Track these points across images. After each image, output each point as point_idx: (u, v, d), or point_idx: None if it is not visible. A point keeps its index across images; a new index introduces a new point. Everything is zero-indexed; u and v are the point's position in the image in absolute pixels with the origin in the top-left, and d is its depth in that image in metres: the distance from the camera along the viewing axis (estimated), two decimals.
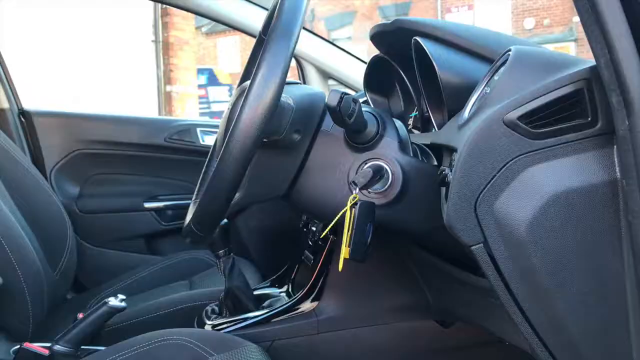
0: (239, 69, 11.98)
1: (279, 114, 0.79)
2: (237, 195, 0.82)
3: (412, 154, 0.89)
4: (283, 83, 0.72)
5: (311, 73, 1.85)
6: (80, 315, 1.16)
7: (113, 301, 1.12)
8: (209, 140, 1.90)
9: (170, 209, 1.89)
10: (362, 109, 0.82)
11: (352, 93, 1.63)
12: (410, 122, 1.17)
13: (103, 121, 1.90)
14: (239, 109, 0.73)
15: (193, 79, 7.14)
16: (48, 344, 1.09)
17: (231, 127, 0.72)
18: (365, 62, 1.23)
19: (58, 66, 5.33)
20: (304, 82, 1.86)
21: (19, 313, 1.25)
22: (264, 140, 0.82)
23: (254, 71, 0.73)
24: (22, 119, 1.80)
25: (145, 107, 6.45)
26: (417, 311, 1.14)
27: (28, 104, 1.84)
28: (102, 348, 1.06)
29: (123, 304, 1.13)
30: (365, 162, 0.86)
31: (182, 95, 6.92)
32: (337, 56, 1.86)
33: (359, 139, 0.86)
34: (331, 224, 0.82)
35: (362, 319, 1.14)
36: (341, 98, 0.76)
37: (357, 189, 0.82)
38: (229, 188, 0.73)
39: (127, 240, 1.86)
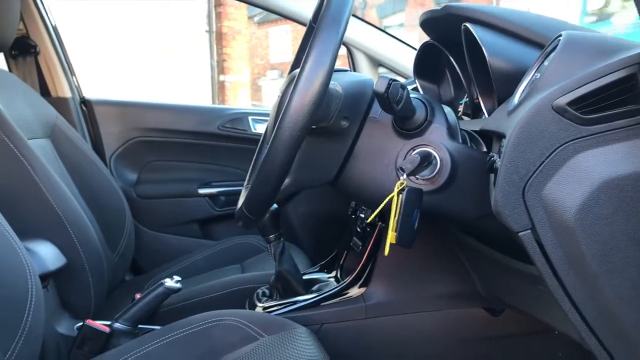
0: (290, 57, 12.01)
1: (328, 100, 0.81)
2: (287, 181, 0.84)
3: (461, 141, 0.89)
4: (331, 70, 0.73)
5: (361, 61, 1.85)
6: (138, 296, 1.21)
7: (169, 282, 1.17)
8: (260, 129, 1.93)
9: (223, 195, 1.93)
10: (410, 96, 0.83)
11: (402, 80, 1.63)
12: (461, 108, 1.16)
13: (159, 110, 1.96)
14: (288, 97, 0.74)
15: (246, 68, 7.23)
16: (108, 322, 1.15)
17: (281, 114, 0.74)
18: (416, 49, 1.23)
19: (116, 56, 5.49)
20: (354, 70, 1.87)
21: (81, 292, 1.31)
22: (313, 127, 0.84)
23: (303, 59, 0.74)
24: (84, 108, 1.88)
25: (200, 97, 6.58)
26: (465, 298, 1.13)
27: (89, 94, 1.92)
28: (158, 327, 1.11)
29: (178, 285, 1.18)
30: (413, 149, 0.86)
31: (235, 85, 7.03)
32: (387, 43, 1.85)
33: (407, 125, 0.86)
34: (377, 210, 0.82)
35: (409, 305, 1.15)
36: (389, 84, 0.76)
37: (405, 175, 0.83)
38: (279, 173, 0.75)
39: (182, 225, 1.92)
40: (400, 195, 0.80)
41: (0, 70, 1.49)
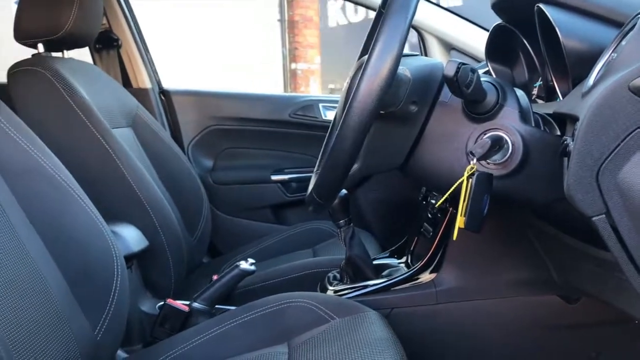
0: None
1: (396, 86, 0.81)
2: (355, 166, 0.85)
3: (533, 124, 0.87)
4: (400, 55, 0.74)
5: (433, 45, 1.83)
6: (215, 277, 1.26)
7: (244, 265, 1.22)
8: (330, 115, 1.95)
9: (295, 182, 1.97)
10: (480, 79, 0.82)
11: (475, 64, 1.59)
12: (535, 91, 1.13)
13: (233, 99, 2.02)
14: (357, 83, 0.75)
15: (317, 56, 7.25)
16: (187, 302, 1.21)
17: (349, 100, 0.75)
18: (489, 31, 1.20)
19: (190, 46, 5.66)
20: (425, 54, 1.85)
21: (162, 273, 1.39)
22: (381, 112, 0.85)
23: (371, 45, 0.75)
24: (163, 98, 1.97)
25: (272, 85, 6.68)
26: (540, 285, 1.11)
27: (167, 84, 2.00)
28: (234, 308, 1.16)
29: (253, 267, 1.22)
30: (484, 133, 0.85)
31: (306, 72, 7.07)
32: (459, 26, 1.82)
33: (477, 109, 0.85)
34: (446, 194, 0.82)
35: (481, 291, 1.14)
36: (458, 68, 0.76)
37: (475, 160, 0.82)
38: (347, 158, 0.77)
39: (256, 210, 1.98)
40: (470, 180, 0.79)
41: (86, 63, 1.58)
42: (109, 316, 0.99)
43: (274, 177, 1.97)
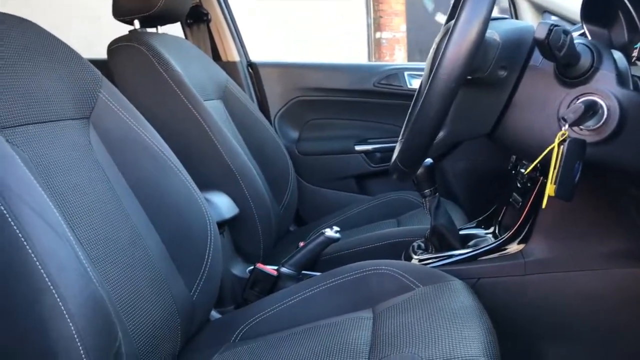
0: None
1: (484, 50, 0.79)
2: (441, 133, 0.84)
3: (632, 87, 0.83)
4: (488, 19, 0.72)
5: (524, 8, 1.75)
6: (302, 244, 1.30)
7: (329, 232, 1.25)
8: (415, 84, 1.92)
9: (379, 152, 1.97)
10: (574, 41, 0.78)
11: (570, 27, 1.52)
12: (635, 53, 1.07)
13: (318, 70, 2.03)
14: (443, 47, 0.74)
15: (402, 24, 7.12)
16: (276, 266, 1.25)
17: (435, 66, 0.74)
18: None
19: (275, 17, 5.71)
20: (517, 18, 1.77)
21: (252, 239, 1.44)
22: (468, 77, 0.83)
23: (458, 9, 0.74)
24: (250, 71, 2.01)
25: (356, 55, 6.63)
26: (635, 257, 1.06)
27: (254, 56, 2.05)
28: (320, 274, 1.19)
29: (337, 235, 1.25)
30: (577, 97, 0.82)
31: (391, 42, 6.96)
32: None
33: (570, 72, 0.82)
34: (536, 161, 0.80)
35: (572, 262, 1.10)
36: (550, 30, 0.73)
37: (567, 125, 0.79)
38: (433, 125, 0.76)
39: (340, 180, 2.00)
40: (562, 147, 0.77)
41: (178, 38, 1.65)
42: (204, 278, 1.04)
43: (357, 148, 1.98)
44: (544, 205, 0.77)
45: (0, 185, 0.70)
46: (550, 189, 0.76)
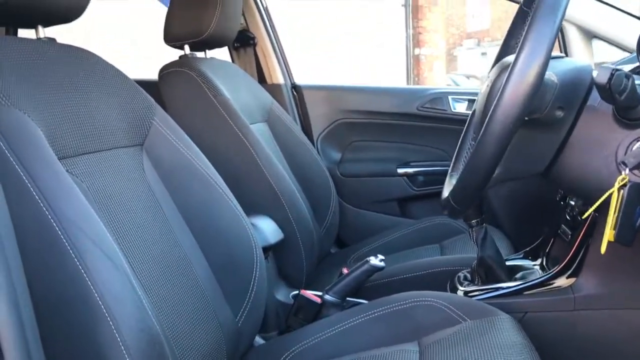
0: (488, 25, 11.53)
1: (542, 91, 0.78)
2: (496, 171, 0.84)
3: None
4: (547, 61, 0.71)
5: (572, 34, 1.72)
6: (345, 270, 1.30)
7: (374, 260, 1.24)
8: (459, 108, 1.91)
9: (422, 175, 1.96)
10: (635, 84, 0.77)
11: (623, 55, 1.49)
12: None
13: (361, 93, 2.04)
14: (500, 87, 0.74)
15: (441, 40, 7.11)
16: (319, 293, 1.25)
17: (493, 106, 0.74)
18: (639, 18, 1.11)
19: (315, 34, 5.76)
20: (564, 44, 1.75)
21: (295, 263, 1.45)
22: (525, 118, 0.82)
23: (517, 49, 0.73)
24: (294, 93, 2.04)
25: (394, 72, 6.64)
26: None
27: (298, 79, 2.07)
28: (364, 301, 1.18)
29: (382, 263, 1.24)
30: (637, 139, 0.80)
31: (430, 58, 6.96)
32: (602, 12, 1.69)
33: (630, 114, 0.80)
34: (596, 204, 0.79)
35: (625, 299, 1.07)
36: (612, 75, 0.72)
37: (627, 170, 0.78)
38: (489, 166, 0.76)
39: (381, 203, 2.00)
40: (622, 191, 0.75)
41: (226, 62, 1.68)
42: (249, 304, 1.05)
43: (400, 170, 1.97)
44: (602, 250, 0.76)
45: (62, 218, 0.72)
46: (610, 234, 0.75)
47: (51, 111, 0.84)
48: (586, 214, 0.93)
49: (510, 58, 0.77)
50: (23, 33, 1.09)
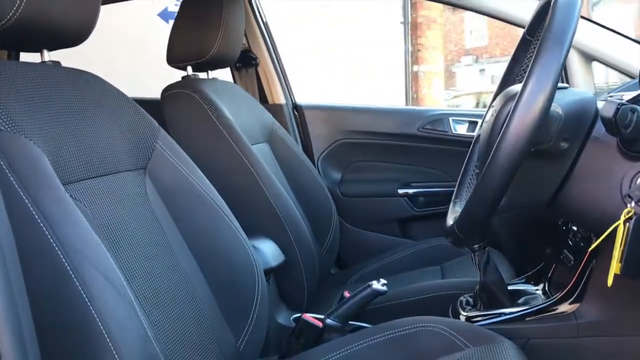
0: (486, 42, 11.60)
1: (547, 123, 0.79)
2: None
3: None
4: (553, 95, 0.72)
5: (572, 56, 1.74)
6: (347, 294, 1.29)
7: (376, 285, 1.24)
8: (460, 129, 1.91)
9: (422, 196, 1.96)
10: None
11: (624, 79, 1.50)
12: None
13: (362, 113, 2.05)
14: (505, 119, 0.74)
15: (440, 57, 7.15)
16: (321, 316, 1.25)
17: (498, 138, 0.74)
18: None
19: (313, 50, 5.78)
20: (564, 67, 1.76)
21: (296, 285, 1.44)
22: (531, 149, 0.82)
23: (523, 81, 0.74)
24: (295, 113, 2.04)
25: (392, 88, 6.66)
26: None
27: (299, 99, 2.08)
28: (366, 325, 1.17)
29: (385, 288, 1.24)
30: None
31: (428, 74, 6.99)
32: (602, 36, 1.70)
33: (635, 147, 0.81)
34: (602, 237, 0.79)
35: (629, 326, 1.06)
36: (617, 109, 0.72)
37: (633, 203, 0.78)
38: (495, 198, 0.76)
39: (382, 224, 1.99)
40: (627, 224, 0.75)
41: (228, 83, 1.68)
42: (251, 328, 1.05)
43: (400, 191, 1.97)
44: (609, 283, 0.75)
45: (66, 245, 0.72)
46: (616, 267, 0.74)
47: (55, 136, 0.84)
48: (593, 246, 0.93)
49: (515, 88, 0.77)
50: (26, 56, 1.09)
